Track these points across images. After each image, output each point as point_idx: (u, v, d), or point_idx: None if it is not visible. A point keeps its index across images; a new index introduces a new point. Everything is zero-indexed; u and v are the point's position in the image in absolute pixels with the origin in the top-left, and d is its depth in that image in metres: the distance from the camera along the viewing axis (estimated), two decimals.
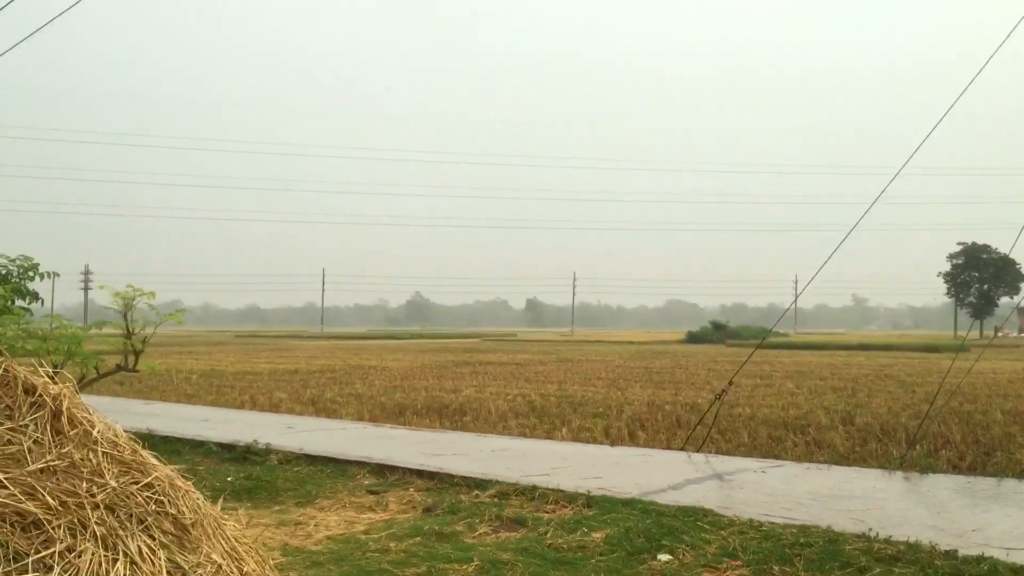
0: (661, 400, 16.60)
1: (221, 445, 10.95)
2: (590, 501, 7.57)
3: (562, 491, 7.91)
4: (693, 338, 72.20)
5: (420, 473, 9.07)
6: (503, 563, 5.83)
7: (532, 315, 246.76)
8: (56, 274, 10.25)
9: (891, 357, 39.19)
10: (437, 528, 6.82)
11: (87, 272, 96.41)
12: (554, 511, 7.41)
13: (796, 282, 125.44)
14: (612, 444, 11.44)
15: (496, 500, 7.85)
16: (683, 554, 6.02)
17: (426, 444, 11.15)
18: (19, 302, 9.59)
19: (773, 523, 6.73)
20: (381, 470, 9.35)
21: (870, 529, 6.44)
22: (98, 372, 10.07)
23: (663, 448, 11.14)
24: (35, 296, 9.81)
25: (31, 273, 9.67)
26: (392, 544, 6.41)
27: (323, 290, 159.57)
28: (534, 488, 8.06)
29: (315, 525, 7.20)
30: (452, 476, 8.76)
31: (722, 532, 6.51)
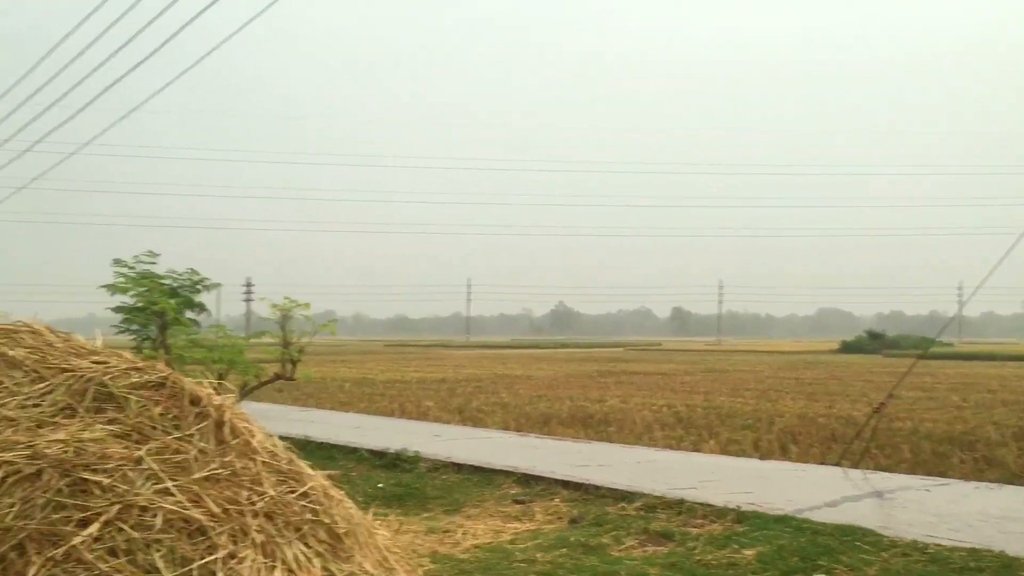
0: (814, 412, 15.99)
1: (372, 452, 11.27)
2: (740, 517, 7.34)
3: (711, 505, 7.71)
4: (847, 348, 69.31)
5: (566, 484, 9.04)
6: None
7: (677, 324, 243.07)
8: (220, 285, 10.86)
9: None
10: (583, 540, 6.77)
11: (249, 284, 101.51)
12: (702, 526, 7.23)
13: (960, 289, 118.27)
14: (762, 458, 11.09)
15: (642, 513, 7.73)
16: (841, 575, 5.75)
17: (571, 454, 11.12)
18: (188, 314, 10.21)
19: (939, 545, 6.33)
20: (527, 480, 9.38)
21: None
22: (258, 380, 10.58)
23: (817, 463, 10.72)
24: (202, 308, 10.40)
25: (199, 286, 10.27)
26: (539, 555, 6.41)
27: (469, 299, 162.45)
28: (681, 502, 7.89)
29: (463, 533, 7.28)
30: (598, 487, 8.69)
31: (883, 553, 6.17)
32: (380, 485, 9.27)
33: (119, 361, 2.76)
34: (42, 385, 2.55)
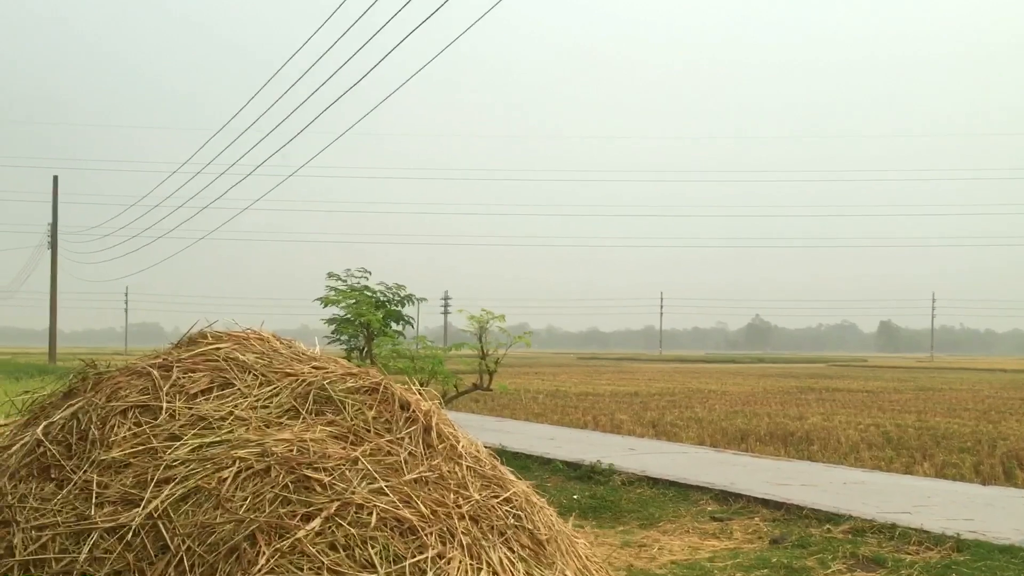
0: None
1: (566, 463, 11.34)
2: (960, 545, 6.83)
3: (926, 531, 7.21)
4: None
5: (766, 502, 8.74)
6: None
7: (884, 339, 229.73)
8: (424, 299, 11.33)
9: None
10: (786, 562, 6.52)
11: (446, 297, 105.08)
12: (917, 553, 6.79)
13: None
14: (984, 483, 10.28)
15: (850, 536, 7.35)
16: None
17: (770, 472, 10.75)
18: (393, 325, 10.73)
19: None
20: (724, 497, 9.15)
21: None
22: (457, 390, 10.92)
23: None
24: (408, 321, 10.90)
25: (404, 300, 10.77)
26: (738, 574, 6.23)
27: (661, 313, 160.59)
28: (893, 526, 7.44)
29: (659, 548, 7.19)
30: (801, 508, 8.34)
31: None
32: (575, 496, 9.31)
33: (336, 367, 2.93)
34: (269, 388, 2.75)
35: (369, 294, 10.88)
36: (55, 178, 54.55)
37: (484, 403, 22.08)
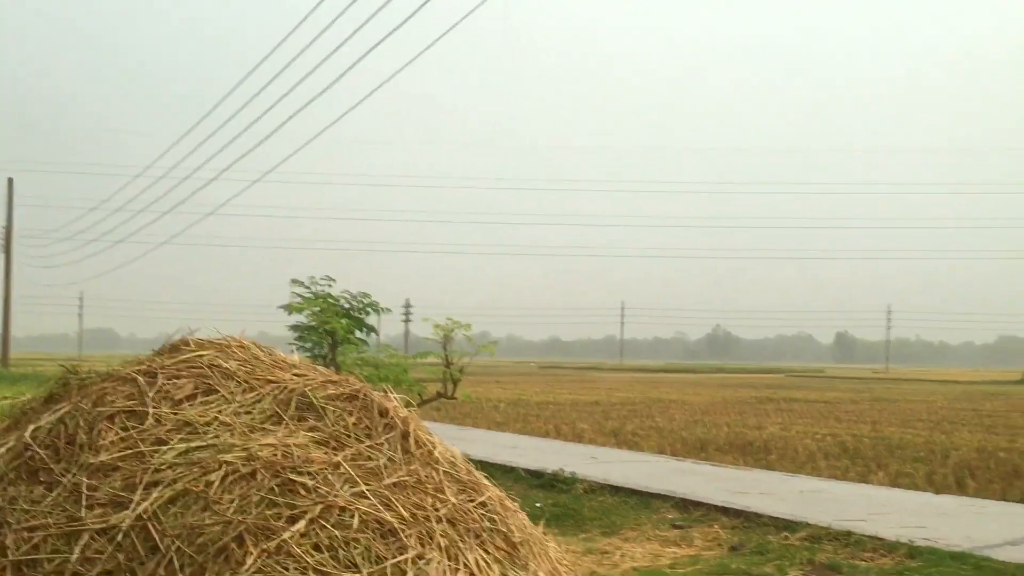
0: (994, 446, 15.05)
1: (529, 471, 11.43)
2: (913, 552, 7.03)
3: (881, 539, 7.41)
4: None
5: (725, 510, 8.90)
6: None
7: (841, 351, 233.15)
8: (388, 310, 11.35)
9: None
10: (745, 568, 6.66)
11: (408, 305, 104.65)
12: (872, 559, 6.97)
13: None
14: (936, 492, 10.54)
15: (807, 543, 7.52)
16: None
17: (730, 481, 10.93)
18: (358, 334, 10.73)
19: None
20: (684, 505, 9.30)
21: None
22: (421, 398, 10.96)
23: (997, 499, 10.09)
24: (372, 329, 10.92)
25: (369, 308, 10.78)
26: None
27: (622, 322, 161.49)
28: (849, 533, 7.62)
29: (621, 555, 7.30)
30: (759, 515, 8.51)
31: None
32: (538, 504, 9.39)
33: (317, 375, 3.00)
34: (252, 395, 2.81)
35: (333, 301, 10.87)
36: (10, 180, 53.70)
37: (446, 411, 22.10)
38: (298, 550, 2.24)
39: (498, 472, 11.72)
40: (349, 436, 2.71)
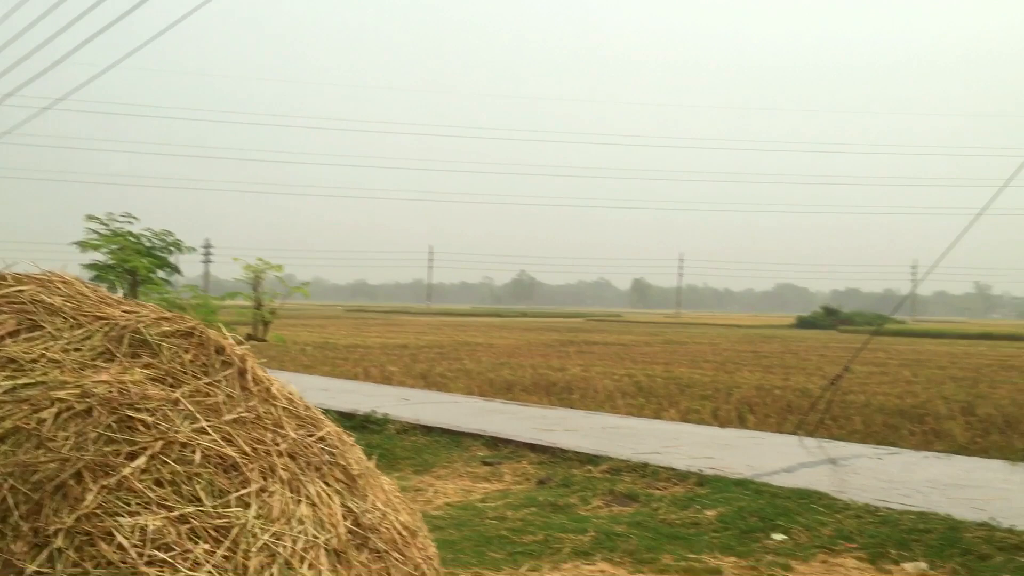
0: (770, 384, 16.44)
1: (341, 413, 11.41)
2: (702, 480, 7.65)
3: (673, 469, 8.01)
4: (803, 323, 70.57)
5: (533, 447, 9.30)
6: (617, 535, 6.00)
7: (637, 296, 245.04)
8: (193, 249, 10.95)
9: (1017, 347, 37.52)
10: (551, 500, 7.03)
11: (208, 245, 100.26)
12: (666, 488, 7.53)
13: (915, 268, 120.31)
14: (721, 426, 11.44)
15: (608, 475, 8.02)
16: (798, 535, 6.08)
17: (536, 420, 11.38)
18: (160, 274, 10.30)
19: (890, 509, 6.70)
20: (494, 443, 9.62)
21: (992, 518, 6.34)
22: None
23: (773, 432, 11.09)
24: (176, 269, 10.51)
25: (172, 247, 10.36)
26: (509, 513, 6.66)
27: (430, 267, 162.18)
28: (645, 465, 8.18)
29: (434, 492, 7.51)
30: (564, 451, 8.96)
31: (837, 515, 6.51)
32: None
33: (148, 311, 2.91)
34: (81, 331, 2.69)
35: (134, 239, 10.37)
36: None
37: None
38: (140, 485, 2.20)
39: None
40: (186, 373, 2.66)
